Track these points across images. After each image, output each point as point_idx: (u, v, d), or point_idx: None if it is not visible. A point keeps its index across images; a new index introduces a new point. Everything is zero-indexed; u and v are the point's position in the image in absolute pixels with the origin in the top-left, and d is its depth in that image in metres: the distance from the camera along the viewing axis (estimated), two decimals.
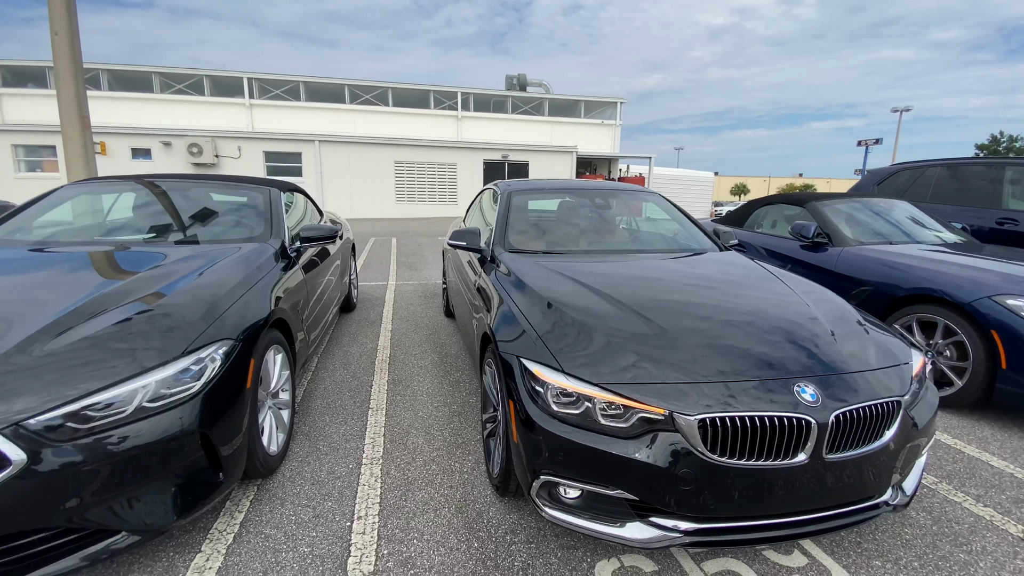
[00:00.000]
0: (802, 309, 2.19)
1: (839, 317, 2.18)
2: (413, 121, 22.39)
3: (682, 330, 1.93)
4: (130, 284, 2.09)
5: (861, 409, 1.67)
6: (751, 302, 2.27)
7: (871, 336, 2.06)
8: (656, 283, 2.46)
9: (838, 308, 2.29)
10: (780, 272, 2.78)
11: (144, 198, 3.30)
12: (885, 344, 2.02)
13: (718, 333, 1.93)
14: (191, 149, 17.40)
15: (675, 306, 2.14)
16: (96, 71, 19.53)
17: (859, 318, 2.22)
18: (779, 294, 2.38)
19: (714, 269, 2.79)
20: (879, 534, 2.03)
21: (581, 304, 2.12)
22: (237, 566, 1.79)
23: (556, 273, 2.49)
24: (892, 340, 2.08)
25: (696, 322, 2.01)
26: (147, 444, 1.61)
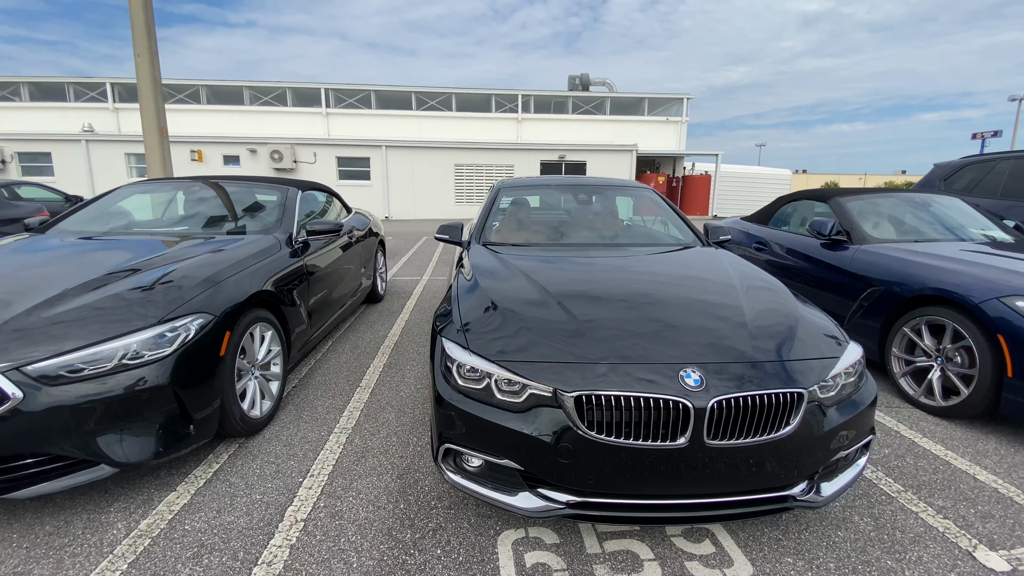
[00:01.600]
0: (730, 301, 2.17)
1: (770, 309, 2.14)
2: (475, 125, 23.01)
3: (597, 318, 2.00)
4: (136, 265, 2.50)
5: (749, 398, 1.66)
6: (686, 293, 2.27)
7: (798, 329, 2.00)
8: (601, 276, 2.51)
9: (775, 301, 2.24)
10: (741, 267, 2.71)
11: (182, 197, 3.83)
12: (810, 337, 1.97)
13: (632, 321, 1.98)
14: (273, 155, 19.10)
15: (605, 297, 2.20)
16: (197, 87, 22.00)
17: (795, 312, 2.15)
18: (719, 285, 2.36)
19: (676, 263, 2.78)
20: (806, 533, 1.98)
21: (513, 294, 2.24)
22: (198, 504, 2.11)
23: (506, 266, 2.62)
24: (821, 334, 2.01)
25: (617, 311, 2.06)
26: (124, 393, 1.98)
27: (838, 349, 1.94)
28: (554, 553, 1.86)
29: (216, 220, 3.56)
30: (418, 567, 1.79)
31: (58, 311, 2.03)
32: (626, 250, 3.02)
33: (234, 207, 3.69)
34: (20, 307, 2.01)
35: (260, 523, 2.00)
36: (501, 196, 3.64)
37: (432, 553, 1.85)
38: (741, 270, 2.63)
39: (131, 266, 2.50)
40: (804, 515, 2.09)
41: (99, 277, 2.34)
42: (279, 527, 1.98)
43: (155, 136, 6.38)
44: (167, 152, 6.55)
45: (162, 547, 1.87)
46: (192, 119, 21.84)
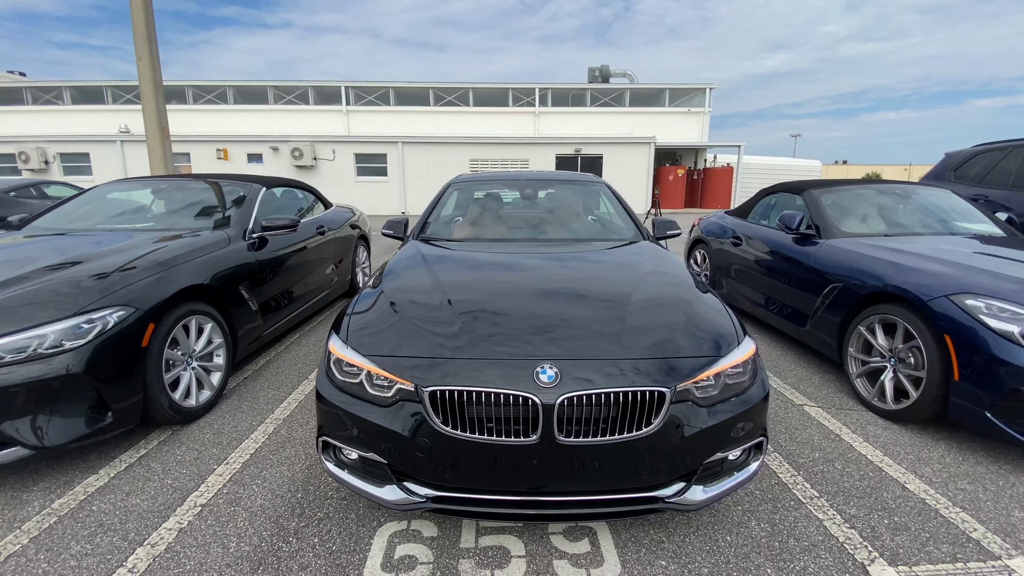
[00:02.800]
0: (622, 298, 2.12)
1: (661, 305, 2.09)
2: (492, 119, 23.04)
3: (480, 315, 1.99)
4: (77, 259, 2.62)
5: (603, 395, 1.63)
6: (584, 290, 2.23)
7: (684, 325, 1.94)
8: (510, 272, 2.48)
9: (672, 296, 2.18)
10: (658, 263, 2.63)
11: (152, 195, 3.99)
12: (696, 334, 1.91)
13: (515, 318, 1.96)
14: (294, 153, 19.62)
15: (499, 293, 2.19)
16: (224, 87, 22.80)
17: (688, 308, 2.09)
18: (620, 282, 2.30)
19: (596, 259, 2.72)
20: (692, 536, 1.93)
21: (408, 290, 2.25)
22: (112, 487, 2.22)
23: (421, 262, 2.61)
24: (709, 331, 1.94)
25: (505, 308, 2.04)
26: (41, 380, 2.09)
27: (724, 346, 1.88)
28: (427, 546, 1.88)
29: (176, 217, 3.70)
30: (291, 554, 1.83)
31: None
32: (556, 246, 2.98)
33: (196, 205, 3.82)
34: None
35: (161, 507, 2.09)
36: (451, 191, 3.65)
37: (309, 542, 1.90)
38: (656, 266, 2.56)
39: (71, 260, 2.64)
40: (695, 518, 2.04)
41: (36, 270, 2.47)
42: (177, 511, 2.07)
43: (156, 136, 6.66)
44: (168, 151, 6.83)
45: (64, 525, 1.97)
46: (219, 119, 22.65)
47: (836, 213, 3.86)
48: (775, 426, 2.80)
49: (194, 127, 22.19)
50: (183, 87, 22.68)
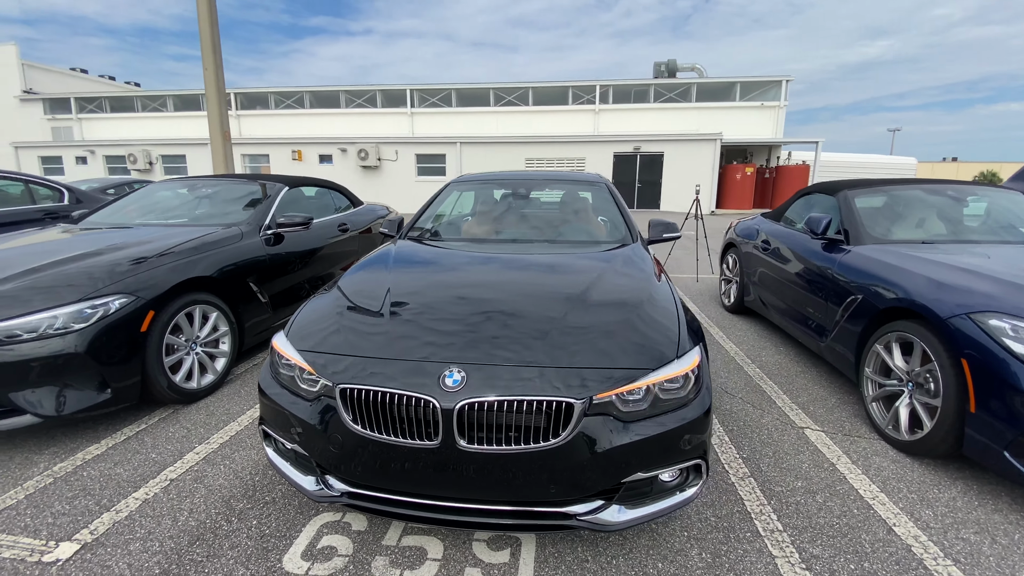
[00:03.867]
0: (563, 302, 2.03)
1: (606, 310, 1.98)
2: (551, 118, 22.92)
3: (408, 314, 1.99)
4: (100, 250, 2.93)
5: (506, 403, 1.58)
6: (530, 292, 2.16)
7: (620, 335, 1.83)
8: (471, 273, 2.46)
9: (620, 304, 2.05)
10: (625, 268, 2.49)
11: (190, 194, 4.37)
12: (631, 344, 1.79)
13: (450, 320, 1.94)
14: (360, 154, 20.67)
15: (437, 294, 2.17)
16: (302, 93, 24.45)
17: (631, 317, 1.96)
18: (569, 286, 2.21)
19: (563, 261, 2.62)
20: (619, 559, 1.83)
21: (361, 288, 2.29)
22: (107, 456, 2.47)
23: (389, 261, 2.65)
24: (649, 342, 1.82)
25: (446, 310, 2.03)
26: (48, 356, 2.37)
27: (658, 358, 1.75)
28: (351, 539, 1.92)
29: (207, 213, 4.02)
30: (227, 533, 1.94)
31: (8, 288, 2.48)
32: (533, 246, 2.91)
33: (225, 203, 4.14)
34: None
35: (137, 478, 2.30)
36: (449, 190, 3.68)
37: (248, 523, 2.00)
38: (621, 270, 2.43)
39: (95, 251, 2.95)
40: (631, 539, 1.92)
41: (62, 259, 2.80)
42: (149, 483, 2.26)
43: (219, 139, 7.29)
44: (229, 152, 7.46)
45: (56, 487, 2.22)
46: (297, 122, 24.32)
47: (870, 217, 3.47)
48: (762, 448, 2.58)
49: (275, 130, 24.01)
50: (267, 93, 24.59)
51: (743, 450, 2.56)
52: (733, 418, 2.90)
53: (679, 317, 2.03)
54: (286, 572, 1.76)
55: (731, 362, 3.79)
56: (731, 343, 4.22)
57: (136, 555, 1.82)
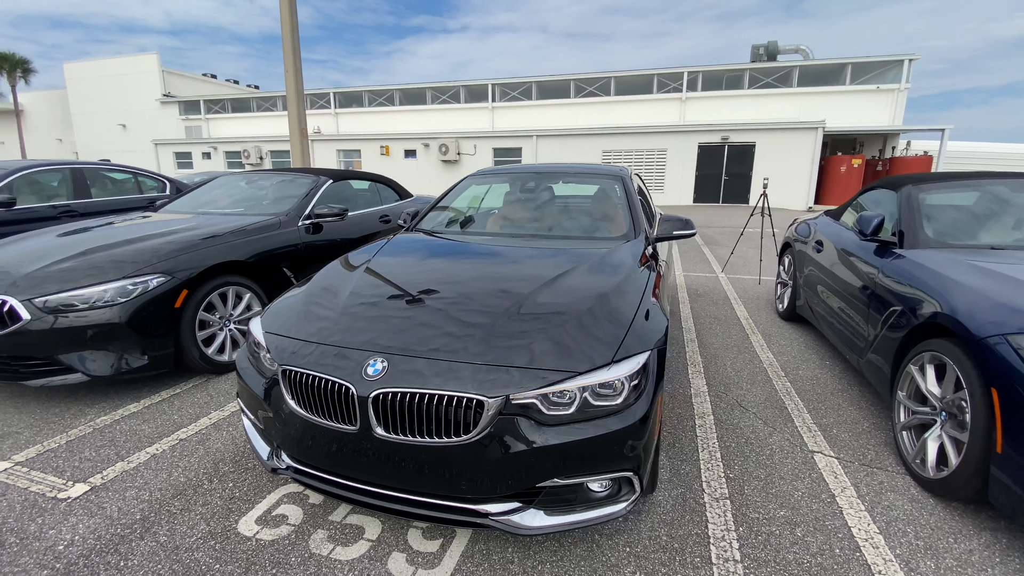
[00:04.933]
0: (518, 298, 1.99)
1: (558, 308, 1.91)
2: (634, 108, 22.06)
3: (362, 301, 2.06)
4: (150, 235, 3.36)
5: (417, 395, 1.59)
6: (491, 286, 2.14)
7: (566, 332, 1.77)
8: (448, 267, 2.48)
9: (576, 300, 1.97)
10: (602, 266, 2.36)
11: (248, 186, 4.83)
12: (570, 343, 1.72)
13: (387, 308, 1.99)
14: (441, 148, 21.43)
15: (399, 283, 2.23)
16: (392, 91, 25.79)
17: (587, 315, 1.88)
18: (533, 281, 2.15)
19: (547, 255, 2.54)
20: (545, 565, 1.77)
21: (336, 274, 2.41)
22: (139, 414, 2.84)
23: (371, 249, 2.75)
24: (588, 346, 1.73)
25: (392, 296, 2.09)
26: (96, 325, 2.78)
27: (590, 362, 1.66)
28: (303, 511, 2.04)
29: (260, 203, 4.43)
30: (205, 491, 2.16)
31: (68, 265, 2.93)
32: (529, 241, 2.85)
33: (276, 194, 4.53)
34: (46, 261, 2.97)
35: (155, 435, 2.62)
36: (467, 183, 3.72)
37: (225, 485, 2.21)
38: (597, 267, 2.32)
39: (150, 235, 3.38)
40: (564, 546, 1.85)
41: (122, 241, 3.24)
42: (161, 440, 2.57)
43: (297, 135, 7.96)
44: (306, 148, 8.12)
45: (91, 436, 2.61)
46: (386, 119, 25.71)
47: (936, 216, 2.97)
48: (755, 469, 2.34)
49: (368, 127, 25.60)
50: (361, 92, 26.27)
51: (732, 469, 2.35)
52: (736, 433, 2.66)
53: (634, 319, 1.90)
54: (238, 533, 1.92)
55: (760, 374, 3.46)
56: (770, 353, 3.85)
57: (128, 501, 2.09)
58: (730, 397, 3.10)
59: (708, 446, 2.54)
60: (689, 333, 4.31)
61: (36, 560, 1.77)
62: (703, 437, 2.63)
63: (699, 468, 2.35)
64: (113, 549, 1.82)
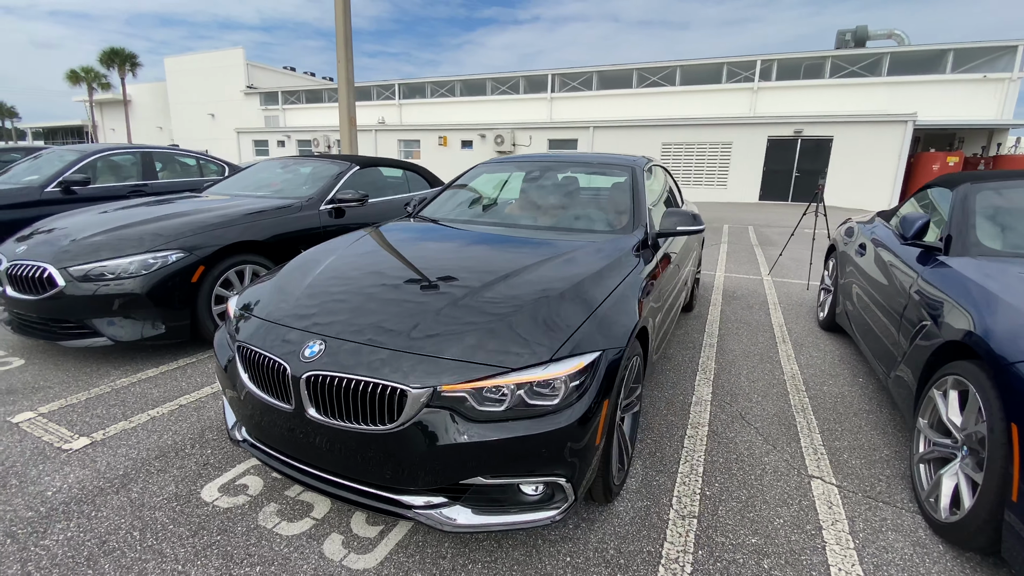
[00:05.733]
0: (472, 289, 1.92)
1: (508, 300, 1.83)
2: (700, 99, 20.98)
3: (324, 284, 2.07)
4: (181, 212, 3.59)
5: (344, 380, 1.57)
6: (455, 275, 2.08)
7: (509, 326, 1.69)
8: (411, 251, 2.46)
9: (530, 293, 1.87)
10: (573, 260, 2.24)
11: (282, 171, 5.06)
12: (509, 338, 1.64)
13: (342, 292, 1.99)
14: (496, 139, 21.51)
15: (366, 268, 2.23)
16: (453, 83, 26.14)
17: (535, 309, 1.78)
18: (493, 273, 2.07)
19: (526, 245, 2.45)
20: (476, 564, 1.72)
21: (312, 257, 2.44)
22: (153, 380, 3.06)
23: (356, 234, 2.77)
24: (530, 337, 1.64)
25: (355, 279, 2.09)
26: (122, 294, 3.02)
27: (525, 359, 1.57)
28: (263, 483, 2.11)
29: (290, 188, 4.63)
30: (184, 456, 2.28)
31: (100, 239, 3.19)
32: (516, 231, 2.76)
33: (305, 179, 4.71)
34: (83, 234, 3.25)
35: (160, 399, 2.81)
36: (477, 171, 3.67)
37: (203, 451, 2.33)
38: (573, 260, 2.20)
39: (181, 213, 3.62)
40: (503, 548, 1.78)
41: (145, 219, 3.49)
42: (164, 404, 2.75)
43: (346, 125, 8.25)
44: (355, 136, 8.41)
45: (107, 396, 2.84)
46: (447, 110, 26.14)
47: (992, 221, 2.57)
48: (737, 490, 2.14)
49: (430, 118, 26.16)
50: (424, 84, 26.86)
51: (712, 485, 2.16)
52: (728, 448, 2.46)
53: (590, 317, 1.78)
54: (199, 497, 2.01)
55: (777, 386, 3.17)
56: (795, 364, 3.53)
57: (117, 457, 2.26)
58: (734, 408, 2.87)
59: (692, 459, 2.36)
60: (710, 337, 4.04)
61: (26, 502, 1.94)
62: (689, 449, 2.45)
63: (674, 481, 2.19)
64: (90, 500, 1.97)
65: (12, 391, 2.85)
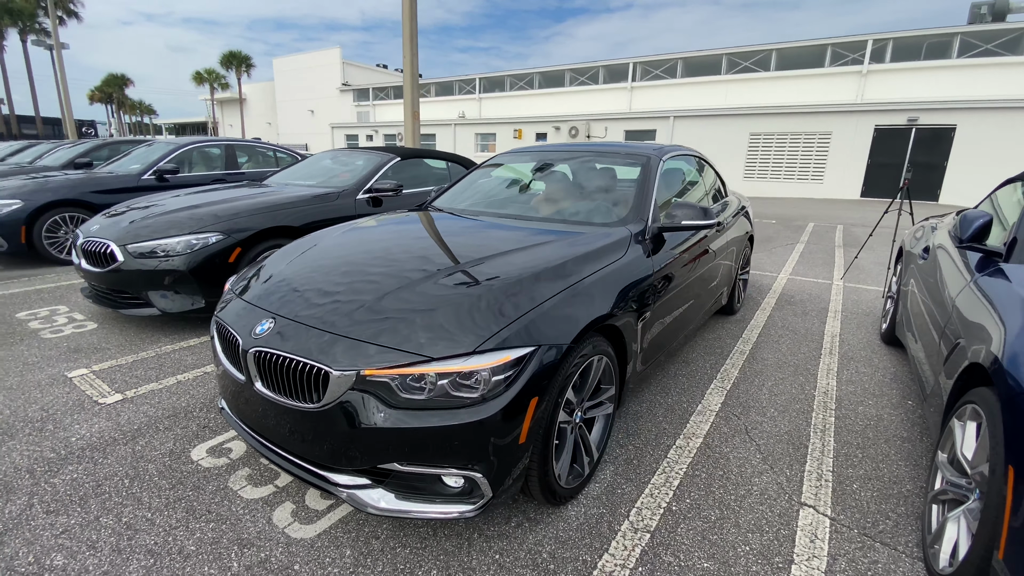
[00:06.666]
0: (433, 273, 1.95)
1: (458, 289, 1.81)
2: (796, 85, 19.12)
3: (300, 267, 2.17)
4: (230, 198, 3.95)
5: (279, 357, 1.65)
6: (414, 263, 2.09)
7: (447, 314, 1.67)
8: (392, 236, 2.53)
9: (484, 285, 1.83)
10: (549, 248, 2.16)
11: (330, 162, 5.36)
12: (443, 326, 1.63)
13: (311, 277, 2.06)
14: (571, 131, 21.21)
15: (344, 252, 2.31)
16: (531, 75, 26.09)
17: (481, 299, 1.74)
18: (463, 257, 2.07)
19: (501, 236, 2.40)
20: (416, 548, 1.73)
21: (308, 240, 2.57)
22: (193, 347, 3.41)
23: (359, 221, 2.87)
24: (465, 327, 1.62)
25: (330, 263, 2.18)
26: (169, 270, 3.40)
27: (448, 349, 1.55)
28: (246, 449, 2.27)
29: (334, 178, 4.91)
30: (191, 418, 2.53)
31: (154, 221, 3.60)
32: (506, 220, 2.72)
33: (347, 169, 4.97)
34: (143, 216, 3.67)
35: (191, 365, 3.13)
36: (498, 160, 3.66)
37: (207, 416, 2.56)
38: (537, 254, 2.11)
39: (226, 199, 3.98)
40: (436, 539, 1.78)
41: (195, 204, 3.86)
42: (191, 371, 3.06)
43: (410, 119, 8.57)
44: (417, 130, 8.71)
45: (150, 359, 3.21)
46: (526, 103, 26.15)
47: None
48: (708, 509, 1.96)
49: (508, 111, 26.37)
50: (503, 77, 27.10)
51: (682, 501, 2.00)
52: (717, 463, 2.25)
53: (534, 310, 1.71)
54: (188, 456, 2.22)
55: (802, 402, 2.85)
56: (833, 380, 3.14)
57: (138, 414, 2.55)
58: (740, 422, 2.62)
59: (671, 470, 2.20)
60: (744, 344, 3.71)
61: (52, 445, 2.26)
62: (672, 459, 2.28)
63: (642, 491, 2.05)
64: (102, 448, 2.25)
65: (79, 350, 3.32)
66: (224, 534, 1.77)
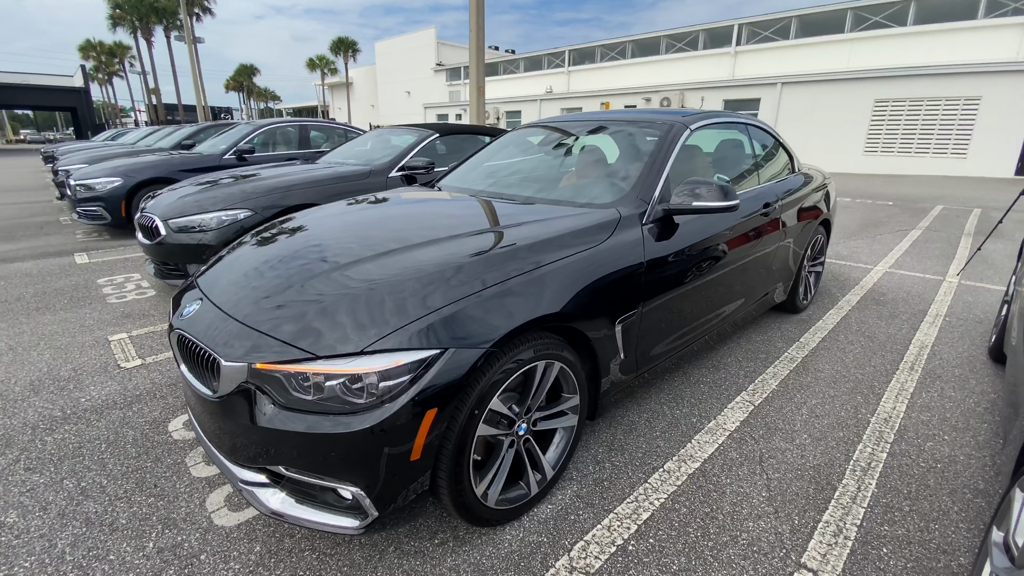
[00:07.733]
0: (380, 255, 1.78)
1: (396, 274, 1.62)
2: (937, 42, 15.92)
3: (270, 244, 2.11)
4: (262, 176, 4.09)
5: (188, 340, 1.60)
6: (354, 246, 1.92)
7: (362, 306, 1.50)
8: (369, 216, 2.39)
9: (431, 272, 1.61)
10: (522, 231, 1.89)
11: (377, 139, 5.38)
12: (341, 323, 1.45)
13: (256, 260, 1.98)
14: (663, 102, 19.78)
15: (316, 231, 2.21)
16: (624, 44, 24.57)
17: (403, 289, 1.53)
18: (420, 239, 1.88)
19: (483, 214, 2.14)
20: (353, 550, 1.62)
21: (288, 221, 2.51)
22: None
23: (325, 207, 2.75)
24: (370, 322, 1.43)
25: (275, 251, 2.06)
26: (202, 244, 3.61)
27: (332, 347, 1.38)
28: None
29: (372, 156, 4.92)
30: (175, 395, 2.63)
31: (193, 198, 3.81)
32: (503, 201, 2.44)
33: (386, 147, 4.95)
34: (184, 192, 3.91)
35: None
36: (516, 134, 3.37)
37: None
38: (491, 240, 1.84)
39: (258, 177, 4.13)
40: (350, 547, 1.64)
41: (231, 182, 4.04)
42: None
43: (475, 94, 8.43)
44: (482, 105, 8.56)
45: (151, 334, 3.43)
46: (618, 73, 24.85)
47: None
48: (677, 556, 1.63)
49: (599, 83, 25.26)
50: (594, 48, 25.91)
51: (644, 539, 1.68)
52: (706, 498, 1.88)
53: (449, 306, 1.48)
54: (165, 428, 2.31)
55: (849, 428, 2.31)
56: (902, 404, 2.53)
57: (146, 380, 2.72)
58: (756, 448, 2.17)
59: (645, 500, 1.86)
60: (799, 350, 3.13)
61: (63, 404, 2.48)
62: (652, 485, 1.94)
63: (599, 522, 1.76)
64: (99, 411, 2.42)
65: (128, 315, 3.65)
66: (156, 511, 1.79)
